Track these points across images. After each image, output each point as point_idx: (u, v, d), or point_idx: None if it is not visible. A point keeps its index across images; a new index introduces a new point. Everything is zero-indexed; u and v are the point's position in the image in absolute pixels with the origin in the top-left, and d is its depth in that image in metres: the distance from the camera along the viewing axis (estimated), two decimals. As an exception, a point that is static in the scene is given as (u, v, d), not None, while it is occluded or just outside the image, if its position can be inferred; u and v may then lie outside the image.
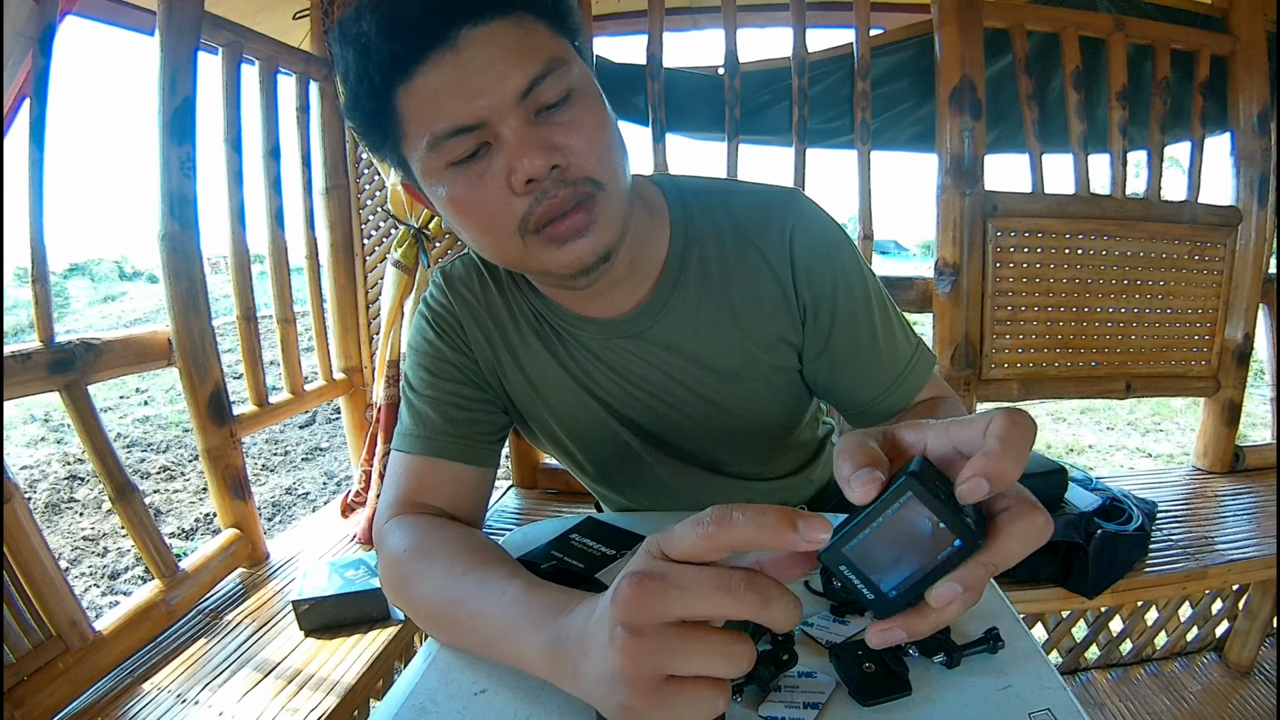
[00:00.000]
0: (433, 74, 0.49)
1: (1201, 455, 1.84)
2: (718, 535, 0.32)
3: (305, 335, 1.88)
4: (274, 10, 1.62)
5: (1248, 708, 1.43)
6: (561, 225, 0.53)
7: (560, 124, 0.52)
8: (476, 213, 0.54)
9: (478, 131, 0.51)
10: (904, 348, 0.71)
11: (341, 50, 0.53)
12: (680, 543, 0.33)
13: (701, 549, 0.33)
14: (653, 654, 0.32)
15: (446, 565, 0.53)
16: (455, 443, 0.67)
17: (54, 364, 1.09)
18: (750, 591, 0.32)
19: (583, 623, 0.38)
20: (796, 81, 1.63)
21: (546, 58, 0.51)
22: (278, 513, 3.42)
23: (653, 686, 0.33)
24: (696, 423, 0.72)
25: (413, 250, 1.54)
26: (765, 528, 0.31)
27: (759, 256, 0.68)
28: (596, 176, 0.53)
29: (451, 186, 0.53)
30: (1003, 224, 1.62)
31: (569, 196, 0.52)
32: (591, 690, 0.37)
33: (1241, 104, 1.67)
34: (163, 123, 1.24)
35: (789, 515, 0.31)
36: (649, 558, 0.34)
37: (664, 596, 0.32)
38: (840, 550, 0.31)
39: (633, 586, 0.33)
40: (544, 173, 0.50)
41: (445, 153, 0.51)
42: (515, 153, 0.50)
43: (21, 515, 0.99)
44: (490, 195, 0.52)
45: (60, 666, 1.02)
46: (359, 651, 1.14)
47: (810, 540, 0.31)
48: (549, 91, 0.51)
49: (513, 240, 0.54)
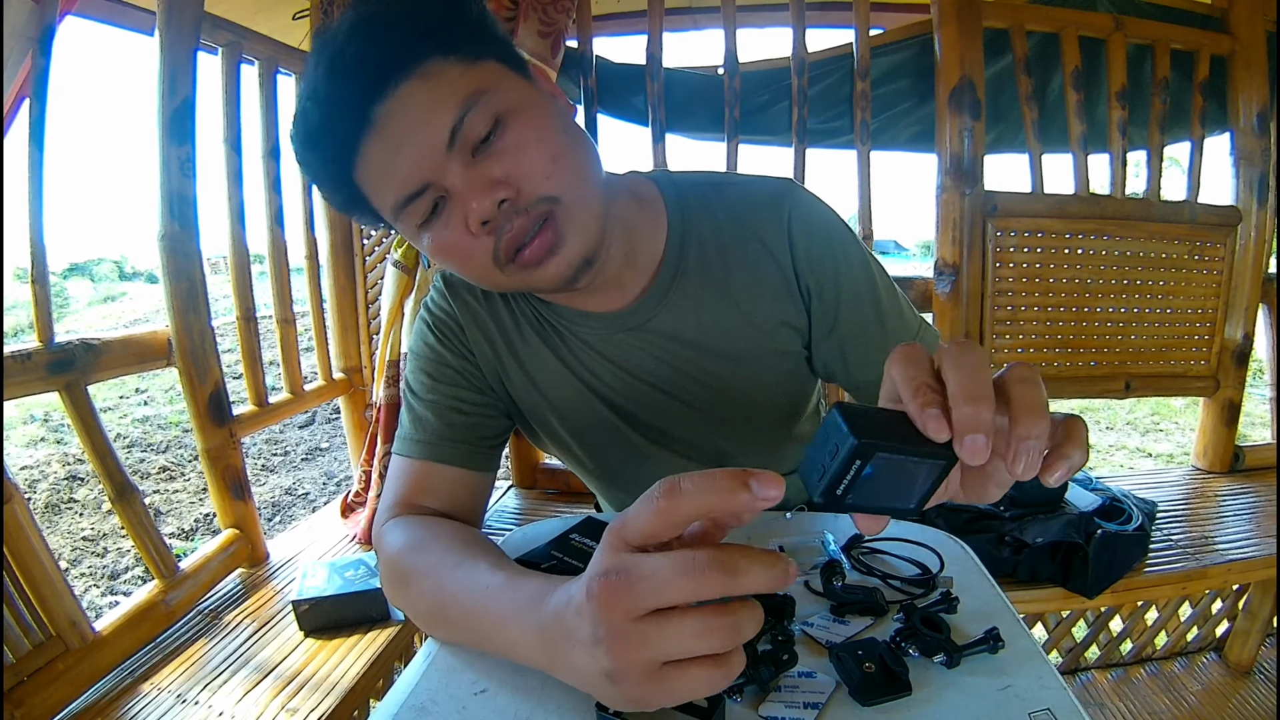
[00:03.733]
0: (368, 157, 0.52)
1: (1201, 455, 1.84)
2: (669, 509, 0.31)
3: (305, 335, 1.88)
4: (274, 10, 1.62)
5: (1248, 708, 1.43)
6: (530, 250, 0.54)
7: (498, 153, 0.52)
8: (456, 256, 0.56)
9: (427, 192, 0.53)
10: (910, 321, 0.73)
11: (295, 153, 0.57)
12: (636, 525, 0.33)
13: (658, 525, 0.32)
14: (638, 649, 0.33)
15: (439, 560, 0.53)
16: (455, 447, 0.67)
17: (54, 364, 1.09)
18: (714, 570, 0.31)
19: (560, 613, 0.38)
20: (796, 81, 1.63)
21: (462, 97, 0.51)
22: (277, 513, 3.42)
23: (648, 676, 0.33)
24: (701, 412, 0.73)
25: (413, 250, 1.53)
26: (716, 491, 0.30)
27: (758, 243, 0.68)
28: (550, 193, 0.53)
29: (430, 239, 0.56)
30: (1002, 224, 1.62)
31: (526, 224, 0.53)
32: (588, 682, 0.37)
33: (1241, 104, 1.67)
34: (162, 123, 1.24)
35: (740, 475, 0.30)
36: (612, 551, 0.34)
37: (630, 592, 0.32)
38: (841, 501, 0.31)
39: (603, 588, 0.33)
40: (493, 211, 0.52)
41: (410, 217, 0.55)
42: (461, 200, 0.52)
43: (21, 515, 0.99)
44: (459, 241, 0.54)
45: (60, 667, 1.02)
46: (359, 651, 1.14)
47: (764, 498, 0.30)
48: (476, 127, 0.52)
49: (495, 273, 0.56)
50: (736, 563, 0.31)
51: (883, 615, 0.54)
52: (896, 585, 0.58)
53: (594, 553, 0.36)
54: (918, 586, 0.57)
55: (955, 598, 0.54)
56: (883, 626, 0.52)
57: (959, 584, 0.57)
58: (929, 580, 0.58)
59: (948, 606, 0.53)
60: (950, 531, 0.67)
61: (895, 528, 0.69)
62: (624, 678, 0.33)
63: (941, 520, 1.35)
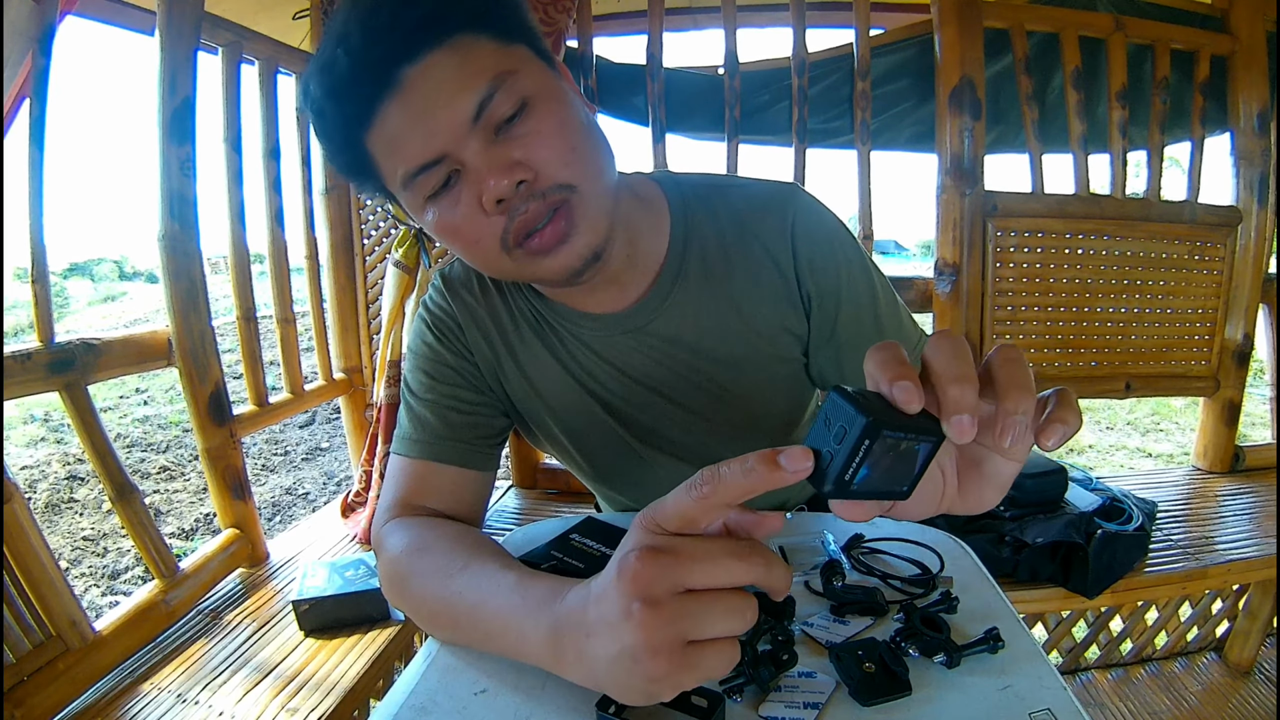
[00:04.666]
0: (387, 120, 0.51)
1: (1201, 455, 1.84)
2: (713, 494, 0.33)
3: (305, 335, 1.88)
4: (274, 10, 1.62)
5: (1248, 708, 1.43)
6: (541, 237, 0.54)
7: (520, 137, 0.52)
8: (461, 236, 0.55)
9: (443, 164, 0.52)
10: (910, 333, 0.72)
11: (306, 110, 0.55)
12: (675, 510, 0.34)
13: (698, 511, 0.34)
14: (673, 622, 0.33)
15: (444, 561, 0.53)
16: (454, 447, 0.67)
17: (54, 364, 1.09)
18: (757, 555, 0.34)
19: (580, 606, 0.39)
20: (796, 81, 1.63)
21: (492, 75, 0.51)
22: (278, 513, 3.42)
23: (677, 652, 0.34)
24: (699, 417, 0.72)
25: (413, 250, 1.54)
26: (753, 473, 0.31)
27: (760, 248, 0.68)
28: (567, 181, 0.53)
29: (436, 215, 0.55)
30: (1003, 224, 1.62)
31: (541, 209, 0.53)
32: (602, 670, 0.37)
33: (1241, 104, 1.67)
34: (162, 123, 1.24)
35: (770, 455, 0.31)
36: (648, 533, 0.35)
37: (677, 567, 0.33)
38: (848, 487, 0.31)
39: (644, 560, 0.34)
40: (510, 191, 0.51)
41: (420, 188, 0.53)
42: (479, 177, 0.51)
43: (21, 515, 0.99)
44: (469, 220, 0.53)
45: (60, 666, 1.01)
46: (359, 651, 1.14)
47: (798, 470, 0.31)
48: (502, 107, 0.51)
49: (500, 257, 0.55)
50: (768, 555, 0.34)
51: (883, 615, 0.54)
52: (896, 585, 0.58)
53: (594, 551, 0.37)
54: (918, 586, 0.58)
55: (955, 598, 0.54)
56: (883, 626, 0.52)
57: (959, 584, 0.57)
58: (929, 580, 0.58)
59: (948, 606, 0.53)
60: (950, 531, 0.68)
61: (895, 528, 0.69)
62: (650, 653, 0.33)
63: (941, 520, 1.34)
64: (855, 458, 0.30)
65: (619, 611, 0.34)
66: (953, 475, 0.38)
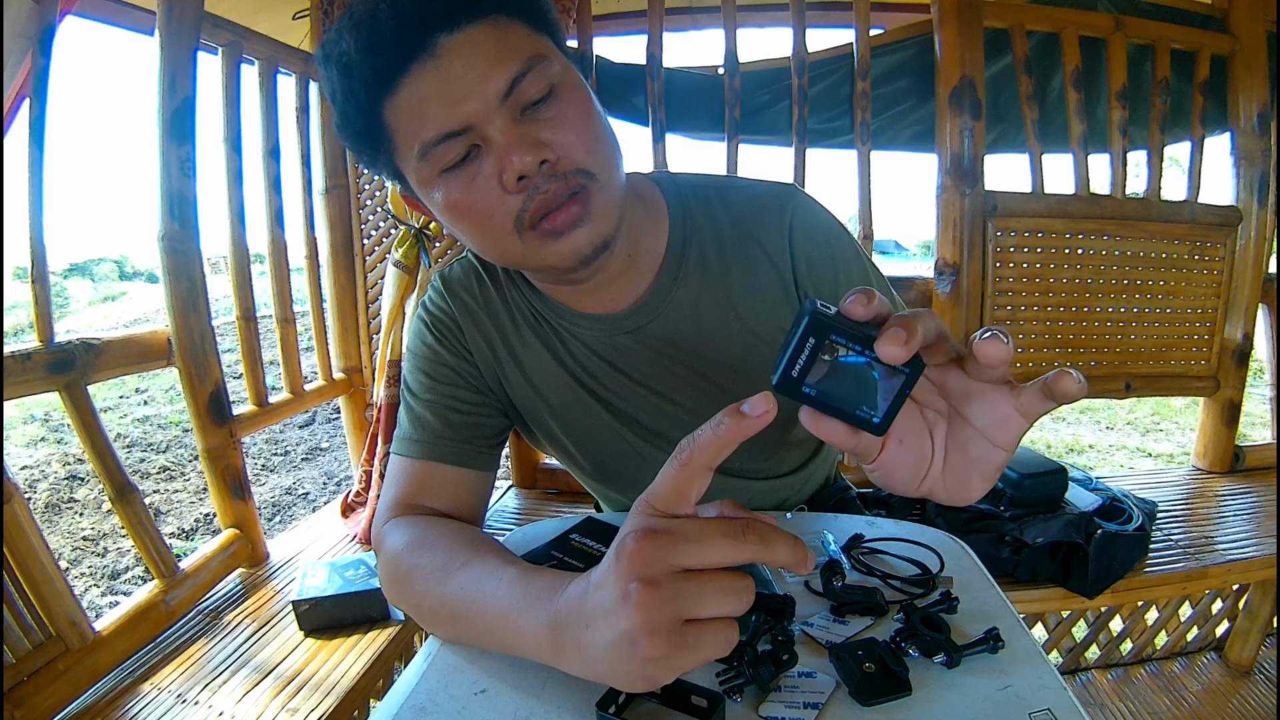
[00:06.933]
0: (416, 85, 0.51)
1: (1201, 455, 1.84)
2: (690, 461, 0.34)
3: (305, 335, 1.88)
4: (274, 10, 1.62)
5: (1248, 708, 1.43)
6: (557, 218, 0.54)
7: (546, 119, 0.52)
8: (473, 215, 0.54)
9: (466, 135, 0.52)
10: None
11: (326, 71, 0.54)
12: (662, 488, 0.35)
13: (684, 479, 0.35)
14: (671, 601, 0.33)
15: (444, 559, 0.53)
16: (454, 447, 0.67)
17: (54, 364, 1.09)
18: (752, 534, 0.34)
19: (579, 596, 0.39)
20: (796, 81, 1.63)
21: (526, 56, 0.52)
22: (278, 513, 3.41)
23: (674, 632, 0.34)
24: (698, 417, 0.72)
25: (414, 250, 1.54)
26: (721, 426, 0.34)
27: (759, 249, 0.68)
28: (587, 167, 0.54)
29: (447, 191, 0.54)
30: (1003, 224, 1.62)
31: (561, 189, 0.53)
32: (600, 657, 0.37)
33: (1241, 104, 1.67)
34: (162, 123, 1.24)
35: (734, 407, 0.33)
36: (644, 516, 0.36)
37: (674, 547, 0.34)
38: (799, 387, 0.33)
39: (640, 541, 0.34)
40: (534, 169, 0.51)
41: (437, 160, 0.53)
42: (504, 152, 0.51)
43: (21, 515, 0.99)
44: (484, 196, 0.53)
45: (60, 667, 1.01)
46: (359, 652, 1.14)
47: (762, 413, 0.33)
48: (531, 88, 0.52)
49: (511, 238, 0.55)
50: (767, 533, 0.34)
51: (883, 615, 0.54)
52: (896, 585, 0.58)
53: (594, 551, 0.37)
54: (918, 586, 0.57)
55: (955, 598, 0.54)
56: (883, 626, 0.52)
57: (959, 584, 0.57)
58: (929, 580, 0.58)
59: (948, 606, 0.53)
60: (950, 531, 0.67)
61: (895, 528, 0.69)
62: (648, 634, 0.34)
63: (941, 520, 1.35)
64: (800, 352, 0.32)
65: (617, 594, 0.35)
66: (940, 449, 0.39)
